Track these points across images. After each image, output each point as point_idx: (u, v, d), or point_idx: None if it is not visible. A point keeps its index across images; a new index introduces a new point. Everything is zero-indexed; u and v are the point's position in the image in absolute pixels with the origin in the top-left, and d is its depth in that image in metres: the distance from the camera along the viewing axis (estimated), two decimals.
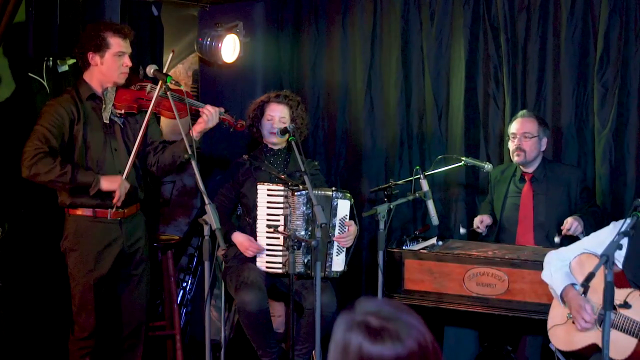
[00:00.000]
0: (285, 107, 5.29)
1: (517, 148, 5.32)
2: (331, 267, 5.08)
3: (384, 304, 2.00)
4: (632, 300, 3.80)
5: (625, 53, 5.46)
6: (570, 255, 4.21)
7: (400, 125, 6.26)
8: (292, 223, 4.98)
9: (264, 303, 4.89)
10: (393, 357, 1.90)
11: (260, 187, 5.04)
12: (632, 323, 3.73)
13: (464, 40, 5.95)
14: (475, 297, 4.81)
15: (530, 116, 5.36)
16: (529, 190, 5.40)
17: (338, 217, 5.07)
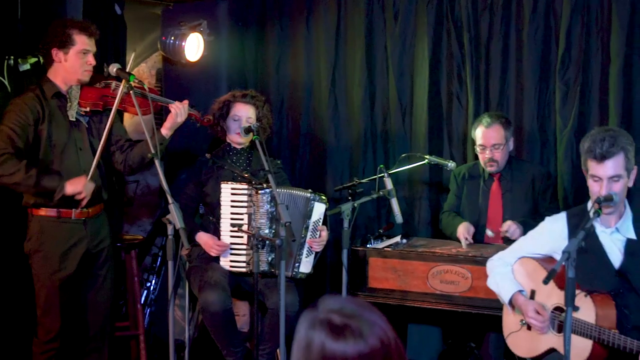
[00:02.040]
0: (252, 107, 5.27)
1: (489, 160, 5.33)
2: (299, 267, 5.08)
3: (346, 302, 2.00)
4: (579, 303, 3.80)
5: (586, 52, 5.52)
6: (511, 260, 4.23)
7: (364, 124, 6.27)
8: (256, 222, 4.96)
9: (227, 303, 4.87)
10: (355, 355, 1.90)
11: (224, 185, 5.03)
12: (584, 325, 3.75)
13: (428, 39, 5.97)
14: (439, 294, 4.83)
15: (494, 123, 5.30)
16: (497, 188, 5.43)
17: (312, 219, 5.07)
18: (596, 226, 3.92)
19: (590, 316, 3.76)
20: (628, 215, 3.94)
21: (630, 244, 3.89)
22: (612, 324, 3.73)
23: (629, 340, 3.61)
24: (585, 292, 3.81)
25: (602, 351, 3.76)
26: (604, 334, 3.68)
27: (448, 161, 5.44)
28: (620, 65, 5.39)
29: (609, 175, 3.77)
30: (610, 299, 3.79)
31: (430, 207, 6.07)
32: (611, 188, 3.78)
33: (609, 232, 3.93)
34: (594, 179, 3.82)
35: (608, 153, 3.75)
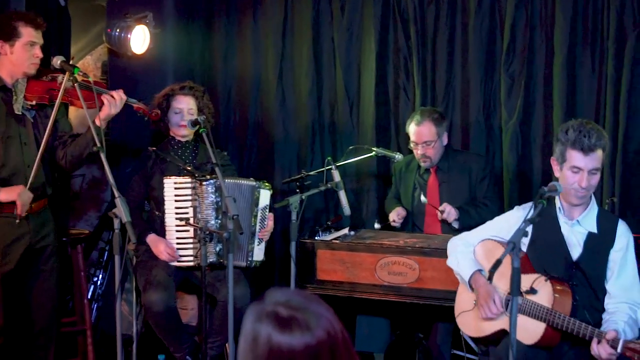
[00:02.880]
0: (192, 98, 5.23)
1: (422, 156, 5.38)
2: (252, 256, 5.08)
3: (293, 294, 2.00)
4: (537, 286, 3.88)
5: (530, 44, 5.60)
6: (474, 241, 4.27)
7: (311, 116, 6.28)
8: (201, 213, 4.94)
9: (171, 302, 4.85)
10: (302, 347, 1.90)
11: (166, 181, 4.99)
12: (539, 308, 3.81)
13: (375, 32, 6.00)
14: (387, 285, 4.85)
15: (425, 120, 5.34)
16: (434, 180, 5.48)
17: (260, 206, 5.07)
18: (559, 217, 4.00)
19: (548, 300, 3.82)
20: (593, 209, 3.99)
21: (591, 237, 3.95)
22: (567, 311, 3.79)
23: (583, 325, 3.67)
24: (546, 277, 3.87)
25: (555, 334, 3.82)
26: (558, 317, 3.74)
27: (395, 153, 5.47)
28: (564, 58, 5.47)
29: (591, 167, 3.82)
30: (568, 287, 3.86)
31: (377, 199, 6.11)
32: (590, 180, 3.83)
33: (570, 223, 3.98)
34: (573, 170, 3.84)
35: (595, 146, 3.79)
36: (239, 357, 1.98)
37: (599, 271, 3.93)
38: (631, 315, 3.80)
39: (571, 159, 3.84)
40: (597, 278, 3.92)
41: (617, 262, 3.90)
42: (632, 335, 3.73)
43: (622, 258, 3.90)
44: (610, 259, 3.92)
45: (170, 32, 6.28)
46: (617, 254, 3.91)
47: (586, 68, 5.49)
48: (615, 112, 5.37)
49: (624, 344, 3.51)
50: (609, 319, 3.81)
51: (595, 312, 3.91)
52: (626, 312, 3.81)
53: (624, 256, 3.91)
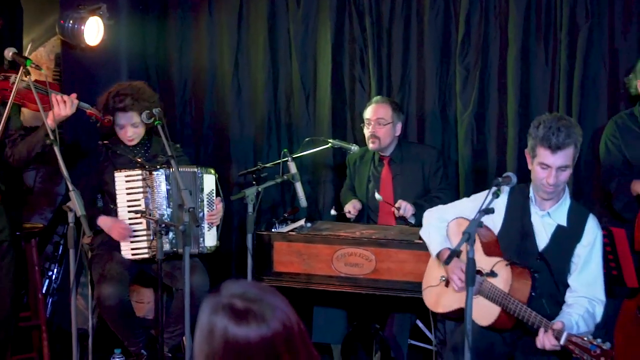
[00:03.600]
0: (135, 112, 5.04)
1: (371, 135, 5.39)
2: (204, 242, 5.07)
3: (249, 286, 2.00)
4: (498, 270, 3.91)
5: (485, 36, 5.64)
6: (449, 217, 4.31)
7: (268, 108, 6.27)
8: (153, 204, 4.92)
9: (123, 295, 4.84)
10: (258, 339, 1.90)
11: (117, 174, 4.96)
12: (496, 291, 3.85)
13: (330, 23, 6.00)
14: (344, 277, 4.86)
15: (384, 102, 5.42)
16: (387, 172, 5.50)
17: (205, 192, 5.06)
18: (531, 206, 4.03)
19: (505, 285, 3.86)
20: (565, 203, 4.02)
21: (559, 230, 3.99)
22: (525, 298, 3.83)
23: (534, 314, 3.71)
24: (508, 262, 3.92)
25: (508, 319, 3.87)
26: (512, 303, 3.78)
27: (351, 145, 5.48)
28: (518, 49, 5.52)
29: (559, 165, 3.84)
30: (528, 275, 3.89)
31: (334, 191, 6.12)
32: (559, 177, 3.86)
33: (541, 214, 4.02)
34: (542, 166, 3.87)
35: (562, 144, 3.80)
36: (195, 349, 1.98)
37: (563, 264, 3.96)
38: (588, 309, 3.83)
39: (540, 155, 3.87)
40: (560, 271, 3.96)
41: (582, 257, 3.93)
42: (586, 329, 3.76)
43: (588, 253, 3.93)
44: (576, 253, 3.95)
45: (124, 24, 6.22)
46: (584, 249, 3.93)
47: (540, 60, 5.54)
48: (569, 103, 5.43)
49: (567, 337, 3.54)
50: (565, 310, 3.85)
51: (555, 304, 3.94)
52: (584, 305, 3.84)
53: (590, 252, 3.93)
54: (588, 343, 3.46)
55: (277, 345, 1.93)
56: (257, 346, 1.91)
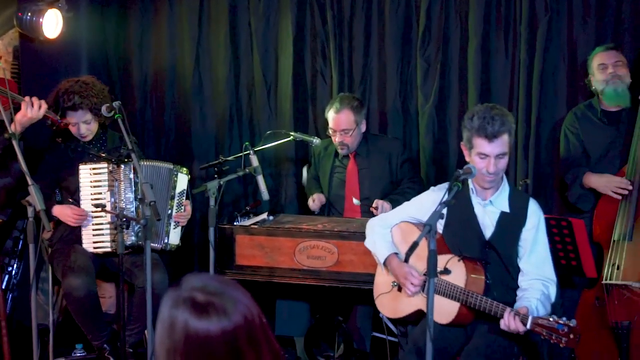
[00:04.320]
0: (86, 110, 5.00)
1: (340, 143, 5.41)
2: (168, 239, 5.07)
3: (210, 280, 1.99)
4: (451, 266, 3.95)
5: (445, 29, 5.67)
6: (392, 222, 4.32)
7: (229, 102, 6.25)
8: (119, 197, 4.89)
9: (92, 287, 4.81)
10: (219, 332, 1.90)
11: (82, 167, 4.91)
12: (453, 288, 3.88)
13: (292, 16, 5.99)
14: (306, 270, 4.87)
15: (344, 108, 5.35)
16: (353, 166, 5.51)
17: (177, 190, 5.06)
18: (472, 197, 4.07)
19: (461, 280, 3.89)
20: (505, 190, 4.07)
21: (503, 216, 4.02)
22: (481, 290, 3.87)
23: (495, 303, 3.75)
24: (459, 257, 3.95)
25: (468, 313, 3.90)
26: (471, 297, 3.81)
27: (313, 137, 5.48)
28: (478, 42, 5.56)
29: (497, 153, 3.87)
30: (481, 266, 3.94)
31: (296, 184, 6.12)
32: (498, 165, 3.89)
33: (483, 204, 4.05)
34: (480, 156, 3.90)
35: (498, 132, 3.84)
36: (156, 343, 1.97)
37: (511, 249, 4.01)
38: (544, 291, 3.89)
39: (477, 145, 3.90)
40: (509, 256, 4.00)
41: (529, 240, 3.99)
42: (545, 311, 3.81)
43: (534, 236, 3.99)
44: (522, 237, 4.00)
45: (84, 17, 6.15)
46: (529, 232, 3.99)
47: (500, 53, 5.58)
48: (528, 96, 5.48)
49: (533, 320, 3.59)
50: (523, 295, 3.89)
51: (508, 290, 3.99)
52: (539, 288, 3.89)
53: (536, 234, 3.99)
54: (555, 323, 3.51)
55: (239, 338, 1.92)
56: (218, 339, 1.90)
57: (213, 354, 1.91)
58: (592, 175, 4.88)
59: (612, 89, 4.90)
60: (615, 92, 4.90)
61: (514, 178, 5.48)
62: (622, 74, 4.91)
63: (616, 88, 4.90)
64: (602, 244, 4.73)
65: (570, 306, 4.94)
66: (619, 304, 4.58)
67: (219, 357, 1.91)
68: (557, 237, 4.46)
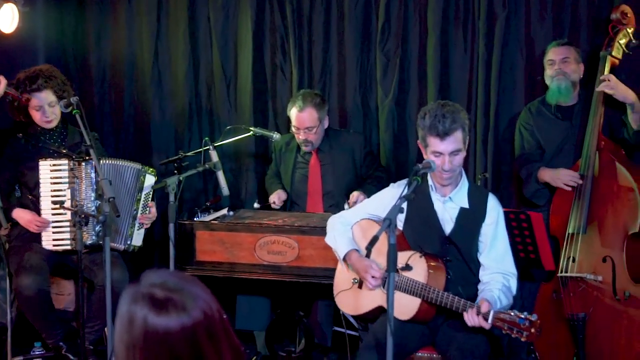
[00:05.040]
0: (48, 90, 5.03)
1: (304, 141, 5.41)
2: (132, 240, 5.06)
3: (169, 276, 1.99)
4: (412, 262, 3.97)
5: (405, 24, 5.69)
6: (352, 219, 4.34)
7: (188, 97, 6.23)
8: (80, 195, 4.85)
9: (43, 286, 4.77)
10: (178, 328, 1.89)
11: (42, 163, 4.86)
12: (414, 284, 3.90)
13: (251, 10, 5.98)
14: (267, 265, 4.87)
15: (307, 106, 5.33)
16: (315, 162, 5.51)
17: (144, 191, 5.04)
18: (432, 194, 4.09)
19: (422, 276, 3.91)
20: (464, 186, 4.10)
21: (463, 212, 4.06)
22: (441, 285, 3.89)
23: (456, 298, 3.77)
24: (421, 254, 3.97)
25: (430, 309, 3.93)
26: (432, 292, 3.84)
27: (273, 132, 5.49)
28: (437, 37, 5.59)
29: (450, 150, 3.89)
30: (441, 262, 3.97)
31: (256, 179, 6.12)
32: (452, 162, 3.91)
33: (443, 200, 4.08)
34: (435, 154, 3.92)
35: (450, 130, 3.86)
36: (116, 339, 1.96)
37: (471, 245, 4.05)
38: (505, 283, 3.94)
39: (431, 144, 3.93)
40: (469, 252, 4.04)
41: (489, 235, 4.02)
42: (507, 302, 3.87)
43: (494, 231, 4.03)
44: (482, 232, 4.04)
45: (40, 11, 6.08)
46: (489, 227, 4.03)
47: (459, 48, 5.62)
48: (487, 90, 5.52)
49: (494, 315, 3.62)
50: (484, 288, 3.93)
51: (469, 286, 4.02)
52: (500, 281, 3.94)
53: (495, 229, 4.03)
54: (516, 317, 3.55)
55: (198, 334, 1.92)
56: (177, 335, 1.90)
57: (172, 349, 1.90)
58: (546, 170, 4.94)
59: (556, 85, 4.97)
60: (558, 89, 4.97)
61: (473, 172, 5.53)
62: (568, 70, 4.97)
63: (559, 85, 4.96)
64: (559, 237, 4.78)
65: (529, 299, 4.99)
66: (574, 296, 4.64)
67: (179, 353, 1.91)
68: (515, 230, 4.50)
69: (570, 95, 4.98)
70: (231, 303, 5.35)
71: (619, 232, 4.57)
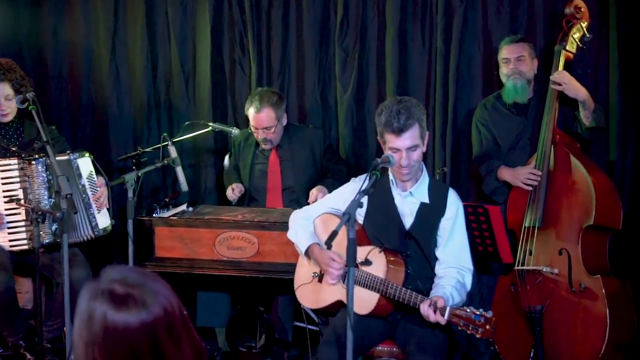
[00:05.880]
0: (6, 83, 4.97)
1: (263, 140, 5.40)
2: (97, 225, 4.98)
3: (129, 272, 1.98)
4: (372, 257, 3.98)
5: (363, 19, 5.71)
6: (314, 214, 4.35)
7: (147, 92, 6.19)
8: (33, 194, 4.79)
9: (10, 282, 4.74)
10: (138, 325, 1.89)
11: None
12: (373, 279, 3.92)
13: (209, 5, 5.96)
14: (227, 260, 4.86)
15: (264, 107, 5.30)
16: (275, 157, 5.50)
17: (84, 176, 4.95)
18: (392, 189, 4.11)
19: (381, 271, 3.93)
20: (424, 180, 4.12)
21: (423, 207, 4.07)
22: (400, 281, 3.91)
23: (414, 294, 3.79)
24: (380, 249, 3.98)
25: (388, 304, 3.94)
26: (390, 287, 3.85)
27: (232, 128, 5.48)
28: (396, 32, 5.61)
29: (407, 146, 3.91)
30: (401, 258, 3.98)
31: (216, 175, 6.10)
32: (410, 157, 3.93)
33: (403, 195, 4.09)
34: (393, 150, 3.94)
35: (405, 126, 3.87)
36: (75, 336, 1.95)
37: (431, 239, 4.07)
38: (459, 279, 3.95)
39: (388, 140, 3.95)
40: (429, 247, 4.06)
41: (447, 229, 4.05)
42: (460, 298, 3.89)
43: (452, 226, 4.05)
44: (441, 227, 4.06)
45: None
46: (447, 222, 4.05)
47: (417, 42, 5.65)
48: (445, 85, 5.56)
49: (450, 311, 3.64)
50: (438, 283, 3.95)
51: (428, 281, 4.04)
52: (454, 276, 3.96)
53: (453, 224, 4.06)
54: (471, 314, 3.57)
55: (159, 330, 1.91)
56: (137, 332, 1.89)
57: (132, 346, 1.90)
58: (506, 169, 4.98)
59: (512, 84, 5.02)
60: (514, 88, 5.02)
61: (432, 167, 5.56)
62: (524, 69, 5.02)
63: (515, 84, 5.01)
64: (516, 230, 4.83)
65: (488, 292, 5.04)
66: (531, 289, 4.69)
67: (139, 350, 1.90)
68: (474, 223, 4.53)
69: (526, 94, 5.04)
70: (191, 299, 5.34)
71: (574, 225, 4.63)
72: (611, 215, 4.67)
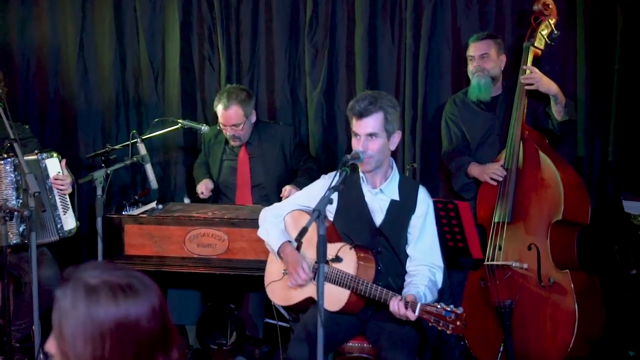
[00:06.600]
0: None
1: (232, 137, 5.39)
2: (63, 227, 4.96)
3: (102, 265, 1.97)
4: (342, 254, 3.99)
5: (333, 16, 5.70)
6: (284, 211, 4.34)
7: (115, 89, 6.15)
8: (0, 194, 4.75)
9: None
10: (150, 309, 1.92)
11: None
12: (344, 275, 3.92)
13: (178, 1, 5.93)
14: (197, 258, 4.85)
15: (232, 104, 5.29)
16: (244, 154, 5.49)
17: (52, 176, 4.92)
18: (363, 186, 4.11)
19: (352, 268, 3.94)
20: (394, 178, 4.12)
21: (393, 204, 4.08)
22: (371, 277, 3.92)
23: (385, 290, 3.80)
24: (351, 245, 3.99)
25: (358, 300, 3.96)
26: (361, 284, 3.86)
27: (201, 125, 5.46)
28: (365, 28, 5.61)
29: (367, 132, 3.91)
30: (371, 254, 3.99)
31: (185, 172, 6.07)
32: (367, 145, 3.93)
33: (374, 192, 4.09)
34: (355, 136, 3.96)
35: (366, 111, 3.89)
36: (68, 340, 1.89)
37: (401, 237, 4.07)
38: (430, 277, 3.97)
39: (352, 125, 3.99)
40: (399, 244, 4.07)
41: (417, 227, 4.06)
42: (432, 297, 3.90)
43: (422, 223, 4.06)
44: (411, 224, 4.07)
45: None
46: (418, 219, 4.06)
47: (386, 39, 5.65)
48: (415, 81, 5.57)
49: (421, 308, 3.65)
50: (411, 281, 3.96)
51: (399, 277, 4.06)
52: (426, 275, 3.97)
53: (424, 221, 4.07)
54: (442, 310, 3.58)
55: (165, 313, 1.95)
56: (149, 317, 1.90)
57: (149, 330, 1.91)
58: (475, 165, 5.01)
59: (476, 82, 5.05)
60: (478, 86, 5.05)
61: (402, 163, 5.57)
62: (488, 67, 5.04)
63: (479, 81, 5.04)
64: (486, 226, 4.86)
65: (458, 288, 5.06)
66: (501, 283, 4.72)
67: (152, 336, 1.91)
68: (444, 219, 4.55)
69: (490, 92, 5.06)
70: None
71: (543, 220, 4.66)
72: (579, 210, 4.70)
